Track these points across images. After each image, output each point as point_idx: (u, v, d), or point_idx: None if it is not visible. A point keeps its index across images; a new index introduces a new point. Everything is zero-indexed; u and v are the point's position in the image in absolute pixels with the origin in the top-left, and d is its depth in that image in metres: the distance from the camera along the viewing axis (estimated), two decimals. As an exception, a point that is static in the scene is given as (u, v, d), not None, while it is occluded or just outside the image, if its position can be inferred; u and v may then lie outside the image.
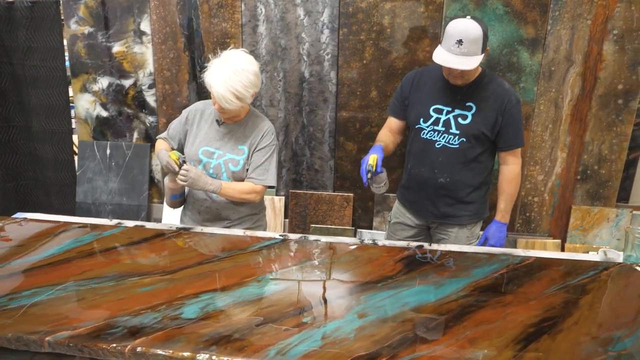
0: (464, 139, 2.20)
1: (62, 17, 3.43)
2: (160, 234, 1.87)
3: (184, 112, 2.29)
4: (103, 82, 3.52)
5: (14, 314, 1.34)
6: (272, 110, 3.40)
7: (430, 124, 2.26)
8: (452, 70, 2.09)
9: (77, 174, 3.67)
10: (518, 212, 3.36)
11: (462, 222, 2.35)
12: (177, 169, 1.99)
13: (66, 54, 3.52)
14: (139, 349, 1.21)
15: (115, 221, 2.04)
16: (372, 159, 2.12)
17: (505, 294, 1.50)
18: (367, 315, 1.37)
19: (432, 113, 2.26)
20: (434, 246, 1.90)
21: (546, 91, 3.12)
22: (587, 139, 3.18)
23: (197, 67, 3.40)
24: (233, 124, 2.13)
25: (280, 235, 1.90)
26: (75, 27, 3.43)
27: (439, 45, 2.11)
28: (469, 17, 2.06)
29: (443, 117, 2.24)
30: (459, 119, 2.20)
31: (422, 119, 2.27)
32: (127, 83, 3.50)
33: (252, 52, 3.31)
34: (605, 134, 3.15)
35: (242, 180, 2.15)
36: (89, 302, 1.41)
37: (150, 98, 3.52)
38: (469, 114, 2.19)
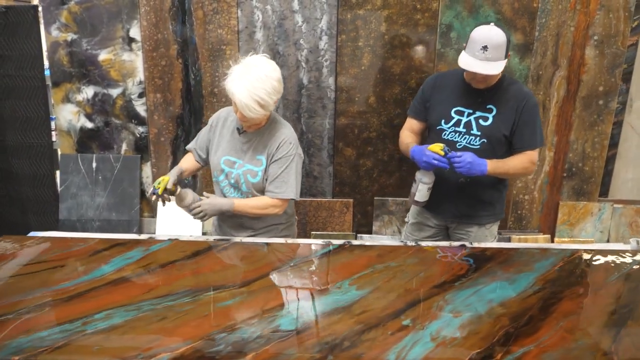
0: (485, 140, 2.27)
1: (42, 23, 3.22)
2: (212, 246, 1.80)
3: (210, 120, 2.23)
4: (88, 92, 3.33)
5: (98, 339, 1.25)
6: (270, 117, 3.36)
7: (452, 125, 2.32)
8: (477, 74, 2.16)
9: (60, 189, 3.44)
10: (510, 210, 3.51)
11: (482, 222, 2.43)
12: (152, 198, 1.99)
13: (46, 62, 3.30)
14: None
15: (145, 235, 1.94)
16: (438, 146, 2.12)
17: (574, 285, 1.57)
18: (461, 313, 1.39)
19: (453, 115, 2.32)
20: (475, 244, 1.96)
21: (535, 94, 3.29)
22: (572, 138, 3.39)
23: (191, 75, 3.30)
24: (253, 133, 2.07)
25: (324, 242, 1.88)
26: (57, 33, 3.23)
27: (463, 51, 2.18)
28: (492, 23, 2.15)
29: (464, 119, 2.31)
30: (480, 121, 2.28)
31: (443, 121, 2.34)
32: (114, 92, 3.33)
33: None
34: (588, 133, 3.37)
35: (262, 190, 2.09)
36: (173, 321, 1.34)
37: (141, 107, 3.37)
38: (490, 116, 2.28)
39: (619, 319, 1.39)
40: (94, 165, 3.42)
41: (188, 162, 2.25)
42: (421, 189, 2.30)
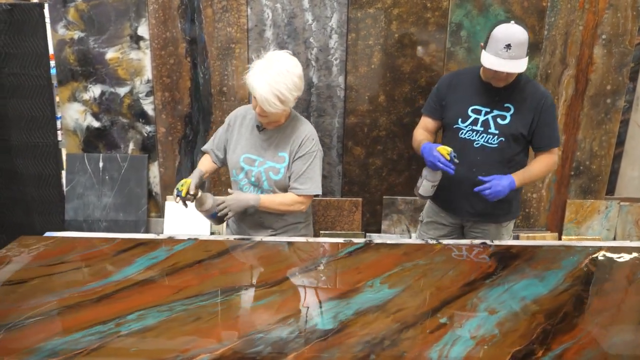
0: (503, 139, 2.27)
1: (48, 21, 3.17)
2: (237, 246, 1.78)
3: (227, 119, 2.21)
4: (95, 91, 3.29)
5: (133, 340, 1.22)
6: (279, 116, 3.34)
7: (469, 124, 2.32)
8: (499, 73, 2.16)
9: (66, 190, 3.39)
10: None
11: (499, 220, 2.43)
12: (176, 200, 1.99)
13: (52, 60, 3.26)
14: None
15: (164, 235, 1.91)
16: (445, 149, 2.12)
17: (603, 282, 1.58)
18: (496, 311, 1.39)
19: (470, 113, 2.32)
20: (496, 242, 1.96)
21: (543, 93, 3.30)
22: (579, 137, 3.40)
23: (199, 74, 3.27)
24: (273, 130, 2.05)
25: (345, 240, 1.87)
26: (64, 31, 3.18)
27: (484, 51, 2.17)
28: (512, 22, 2.15)
29: (482, 118, 2.31)
30: (498, 119, 2.28)
31: (460, 119, 2.33)
32: (122, 91, 3.30)
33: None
34: (596, 132, 3.39)
35: (285, 188, 2.07)
36: (207, 321, 1.32)
37: (148, 106, 3.33)
38: (508, 115, 2.27)
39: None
40: (101, 164, 3.38)
41: (206, 164, 2.23)
42: (425, 185, 2.30)
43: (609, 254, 1.79)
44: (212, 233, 3.47)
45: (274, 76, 1.84)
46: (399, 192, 3.52)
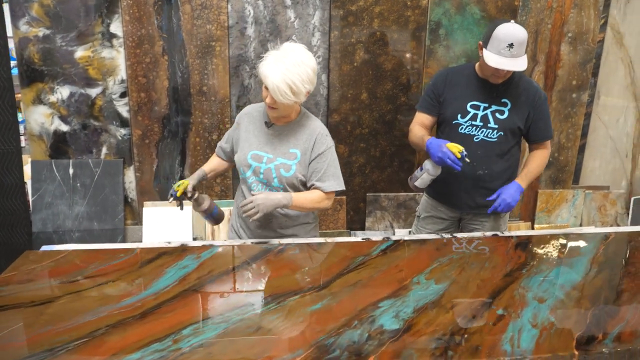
0: (502, 133, 2.35)
1: (8, 17, 2.91)
2: (266, 250, 1.72)
3: (237, 117, 2.13)
4: (63, 92, 3.06)
5: (200, 356, 1.14)
6: (262, 116, 3.27)
7: (468, 120, 2.37)
8: (500, 70, 2.22)
9: (32, 199, 3.14)
10: (495, 200, 3.65)
11: (497, 212, 2.51)
12: (169, 199, 1.92)
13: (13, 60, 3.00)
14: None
15: (176, 243, 1.81)
16: (456, 147, 2.15)
17: (625, 265, 1.66)
18: (544, 299, 1.42)
19: (469, 109, 2.38)
20: (506, 233, 2.02)
21: (516, 88, 3.45)
22: (549, 130, 3.58)
23: (178, 73, 3.13)
24: (283, 126, 2.01)
25: (363, 239, 1.86)
26: (27, 28, 2.94)
27: (486, 50, 2.22)
28: (512, 21, 2.22)
29: (480, 113, 2.37)
30: (497, 114, 2.35)
31: (459, 115, 2.38)
32: (93, 92, 3.09)
33: (239, 56, 3.17)
34: (563, 125, 3.59)
35: (295, 186, 2.03)
36: (270, 330, 1.26)
37: (123, 108, 3.15)
38: (506, 110, 2.35)
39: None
40: (71, 171, 3.16)
41: (212, 163, 2.16)
42: (424, 178, 2.33)
43: (621, 238, 1.90)
44: (194, 238, 3.34)
45: (288, 66, 1.78)
46: (382, 189, 3.55)
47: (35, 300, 1.34)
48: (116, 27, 3.01)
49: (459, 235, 2.01)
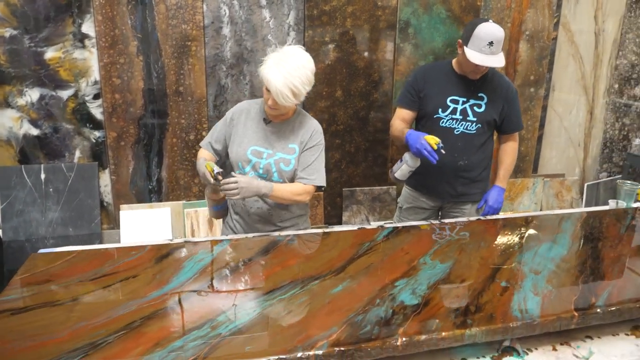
0: (480, 125, 2.50)
1: (-28, 17, 2.79)
2: (275, 241, 1.77)
3: (228, 113, 2.15)
4: (32, 95, 2.96)
5: (241, 340, 1.18)
6: (239, 115, 3.29)
7: (449, 113, 2.51)
8: (479, 67, 2.36)
9: (1, 207, 3.01)
10: (463, 190, 3.85)
11: (475, 199, 2.66)
12: (211, 181, 1.88)
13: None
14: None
15: (179, 240, 1.83)
16: (433, 139, 2.26)
17: (602, 239, 1.84)
18: (539, 271, 1.57)
19: (449, 103, 2.51)
20: (494, 217, 2.17)
21: (480, 84, 3.65)
22: (510, 122, 3.81)
23: (153, 73, 3.10)
24: (281, 123, 2.07)
25: (358, 227, 1.95)
26: (-8, 29, 2.82)
27: (467, 47, 2.35)
28: (490, 20, 2.37)
29: (460, 107, 2.51)
30: (475, 108, 2.50)
31: (440, 109, 2.51)
32: (65, 94, 3.01)
33: (216, 55, 3.18)
34: (523, 117, 3.82)
35: (294, 179, 2.10)
36: (301, 312, 1.31)
37: (96, 110, 3.08)
38: (483, 103, 2.50)
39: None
40: (43, 176, 3.06)
41: (208, 155, 2.16)
42: (403, 169, 2.43)
43: (594, 217, 2.08)
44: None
45: (289, 70, 1.85)
46: (357, 184, 3.66)
47: (60, 299, 1.33)
48: (88, 27, 2.95)
49: (447, 220, 2.13)
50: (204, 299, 1.35)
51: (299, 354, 1.14)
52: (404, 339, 1.21)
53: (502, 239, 1.84)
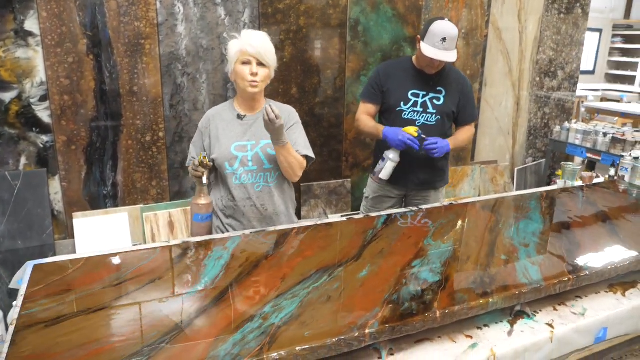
0: (439, 117, 2.69)
1: None
2: (285, 234, 1.79)
3: (199, 125, 2.18)
4: (-31, 98, 2.70)
5: (293, 328, 1.22)
6: (197, 114, 3.23)
7: (410, 106, 2.67)
8: (434, 61, 2.54)
9: (-63, 224, 2.72)
10: (411, 180, 4.07)
11: (437, 186, 2.86)
12: (205, 167, 1.96)
13: None
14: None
15: (180, 241, 1.80)
16: (412, 129, 2.39)
17: (567, 213, 2.09)
18: (528, 244, 1.76)
19: (410, 97, 2.68)
20: (463, 201, 2.37)
21: (423, 79, 3.88)
22: (450, 115, 4.09)
23: (105, 73, 2.95)
24: (254, 115, 2.13)
25: (345, 217, 2.04)
26: None
27: (423, 42, 2.53)
28: (446, 19, 2.56)
29: (420, 100, 2.68)
30: (434, 101, 2.68)
31: (402, 102, 2.67)
32: (7, 96, 2.77)
33: (171, 54, 3.09)
34: (461, 109, 4.11)
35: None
36: (340, 297, 1.37)
37: (43, 113, 2.87)
38: (441, 97, 2.69)
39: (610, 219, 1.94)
40: (-15, 187, 2.80)
41: None
42: (388, 167, 2.58)
43: (551, 195, 2.34)
44: (134, 245, 3.17)
45: (263, 36, 2.02)
46: (314, 179, 3.73)
47: (90, 307, 1.27)
48: (32, 24, 2.74)
49: (424, 207, 2.28)
50: (239, 294, 1.36)
51: (356, 334, 1.20)
52: (441, 311, 1.32)
53: (485, 219, 2.02)
